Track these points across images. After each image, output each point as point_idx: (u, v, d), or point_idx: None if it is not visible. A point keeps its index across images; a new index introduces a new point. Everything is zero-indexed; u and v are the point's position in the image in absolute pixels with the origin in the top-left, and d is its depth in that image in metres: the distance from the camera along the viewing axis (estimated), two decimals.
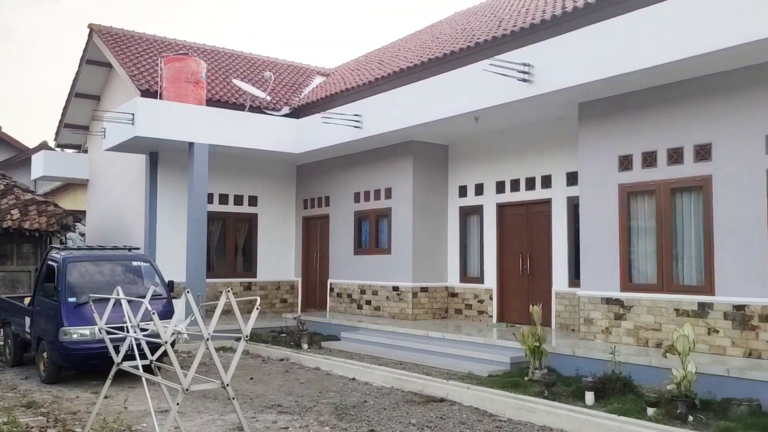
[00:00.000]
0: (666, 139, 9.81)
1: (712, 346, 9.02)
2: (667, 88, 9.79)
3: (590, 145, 10.82)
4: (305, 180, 18.02)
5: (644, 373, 8.35)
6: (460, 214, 14.58)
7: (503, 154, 13.58)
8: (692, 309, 9.29)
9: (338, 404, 8.36)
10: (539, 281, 12.85)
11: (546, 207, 12.75)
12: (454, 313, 14.47)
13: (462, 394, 8.57)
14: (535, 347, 9.29)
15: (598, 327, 10.48)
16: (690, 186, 9.55)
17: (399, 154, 14.77)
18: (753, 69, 8.83)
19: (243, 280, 17.32)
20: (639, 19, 9.19)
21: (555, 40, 10.39)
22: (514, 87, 10.73)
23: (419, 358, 11.23)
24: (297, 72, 21.09)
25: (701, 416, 7.12)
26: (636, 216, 10.25)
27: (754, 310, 8.64)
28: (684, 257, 9.66)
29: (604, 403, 7.81)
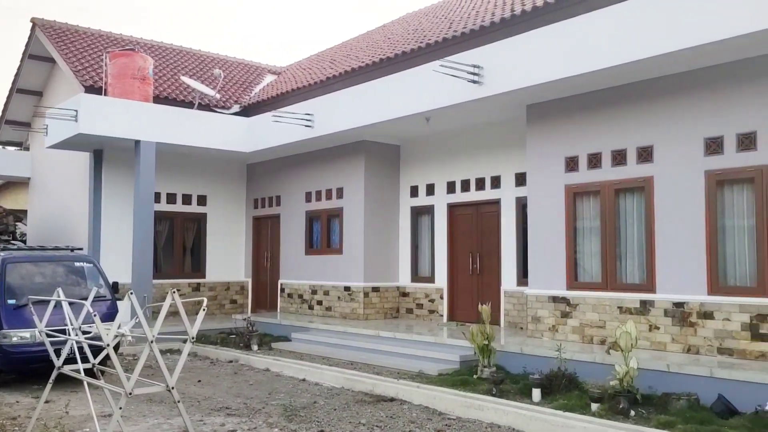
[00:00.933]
0: (610, 141, 10.06)
1: (654, 343, 9.29)
2: (611, 91, 10.04)
3: (538, 146, 11.02)
4: (256, 179, 17.84)
5: (589, 370, 8.53)
6: (411, 214, 14.65)
7: (454, 155, 13.71)
8: (635, 307, 9.55)
9: (288, 405, 8.30)
10: (489, 280, 13.02)
11: (495, 207, 12.92)
12: (406, 313, 14.53)
13: (412, 393, 8.61)
14: (484, 346, 9.40)
15: (545, 325, 10.67)
16: (633, 187, 9.82)
17: (351, 153, 14.75)
18: (692, 73, 9.13)
19: (191, 281, 17.03)
20: (585, 23, 9.41)
21: (504, 43, 10.55)
22: (464, 88, 10.84)
23: (370, 357, 11.23)
24: (247, 70, 20.86)
25: (642, 411, 7.32)
26: (582, 216, 10.48)
27: (693, 307, 8.94)
28: (627, 256, 9.92)
29: (551, 400, 7.96)
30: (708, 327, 8.78)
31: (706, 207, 8.91)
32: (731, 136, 8.74)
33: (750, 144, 8.56)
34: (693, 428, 6.50)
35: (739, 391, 7.30)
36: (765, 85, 8.47)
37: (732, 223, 8.81)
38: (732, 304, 8.57)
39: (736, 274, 8.73)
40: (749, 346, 8.38)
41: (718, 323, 8.68)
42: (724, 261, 8.82)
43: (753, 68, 8.57)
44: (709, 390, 7.48)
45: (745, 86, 8.65)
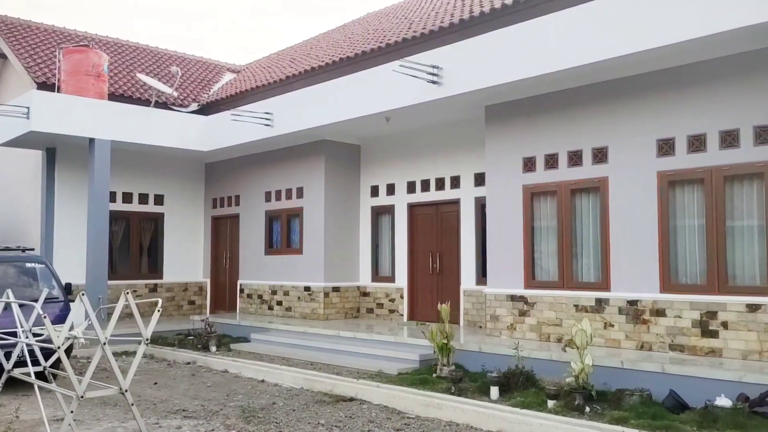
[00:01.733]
0: (567, 142, 10.23)
1: (609, 340, 9.48)
2: (568, 93, 10.21)
3: (496, 146, 11.14)
4: (214, 178, 17.62)
5: (546, 367, 8.65)
6: (371, 214, 14.66)
7: (414, 155, 13.76)
8: (590, 305, 9.73)
9: (246, 407, 8.22)
10: (449, 280, 13.11)
11: (455, 207, 13.02)
12: (366, 313, 14.53)
13: (372, 393, 8.61)
14: (443, 344, 9.46)
15: (503, 323, 10.79)
16: (588, 187, 10.00)
17: (311, 153, 14.69)
18: (645, 76, 9.34)
19: (148, 282, 16.74)
20: (541, 25, 9.55)
21: (463, 44, 10.64)
22: (423, 88, 10.90)
23: (330, 357, 11.20)
24: (206, 68, 20.59)
25: (597, 407, 7.46)
26: (539, 216, 10.63)
27: (646, 305, 9.15)
28: (583, 255, 10.10)
29: (508, 397, 8.05)
30: (660, 324, 9.00)
31: (659, 207, 9.13)
32: (682, 138, 8.97)
33: (700, 146, 8.81)
34: (645, 423, 6.65)
35: (689, 387, 7.50)
36: (713, 88, 8.72)
37: (683, 223, 9.04)
38: (683, 302, 8.80)
39: (686, 272, 8.97)
40: (699, 342, 8.62)
41: (670, 320, 8.91)
42: (675, 260, 9.05)
43: (702, 72, 8.81)
44: (661, 385, 7.65)
45: (694, 89, 8.89)
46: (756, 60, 8.29)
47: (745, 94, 8.44)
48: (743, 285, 8.42)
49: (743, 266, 8.48)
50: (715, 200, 8.64)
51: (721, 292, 8.50)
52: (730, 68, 8.57)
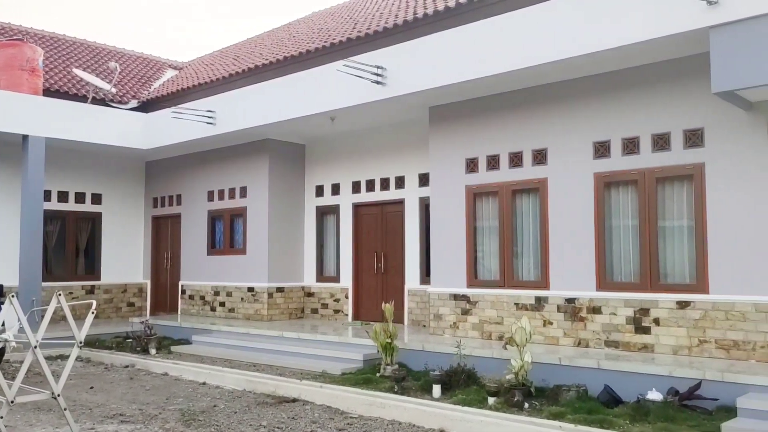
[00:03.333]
0: (508, 144, 10.42)
1: (548, 337, 9.70)
2: (509, 96, 10.41)
3: (440, 147, 11.26)
4: (155, 177, 17.24)
5: (487, 365, 8.79)
6: (316, 214, 14.60)
7: (359, 155, 13.78)
8: (530, 303, 9.94)
9: (186, 410, 8.07)
10: (393, 279, 13.18)
11: (400, 207, 13.09)
12: (311, 313, 14.47)
13: (315, 394, 8.58)
14: (386, 344, 9.49)
15: (446, 322, 10.92)
16: (529, 188, 10.21)
17: (255, 152, 14.53)
18: (582, 80, 9.61)
19: (85, 283, 16.25)
20: (484, 28, 9.71)
21: (407, 45, 10.72)
22: (367, 88, 10.93)
23: (274, 359, 11.11)
24: (146, 64, 20.12)
25: (536, 403, 7.62)
26: (481, 216, 10.80)
27: (583, 302, 9.41)
28: (523, 255, 10.31)
29: (450, 395, 8.14)
30: (596, 321, 9.26)
31: (595, 207, 9.40)
32: (617, 141, 9.26)
33: (634, 148, 9.11)
34: (581, 418, 6.83)
35: (623, 382, 7.74)
36: (646, 92, 9.03)
37: (618, 223, 9.33)
38: (618, 300, 9.08)
39: (621, 270, 9.26)
40: (633, 338, 8.91)
41: (606, 317, 9.18)
42: (611, 258, 9.33)
43: (636, 77, 9.12)
44: (597, 381, 7.87)
45: (628, 93, 9.19)
46: (686, 66, 8.62)
47: (675, 99, 8.77)
48: (674, 283, 8.75)
49: (674, 265, 8.82)
50: (648, 201, 8.95)
51: (653, 290, 8.82)
52: (662, 74, 8.89)
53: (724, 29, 7.47)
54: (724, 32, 7.47)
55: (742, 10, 7.32)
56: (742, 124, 8.22)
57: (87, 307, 13.39)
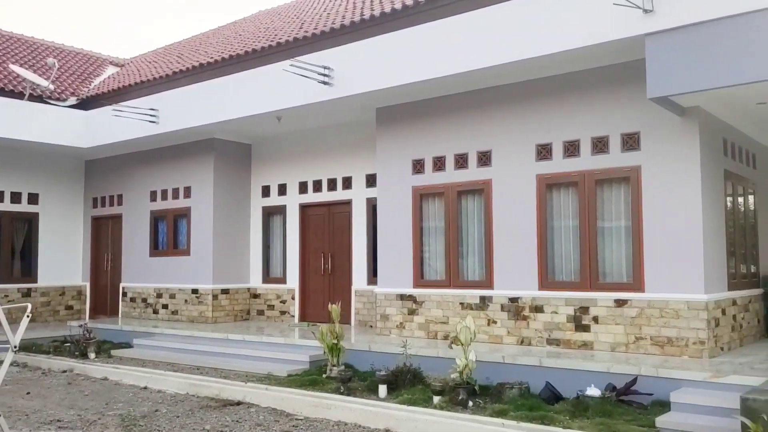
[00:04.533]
0: (454, 145, 10.55)
1: (492, 336, 9.86)
2: (455, 98, 10.53)
3: (387, 148, 11.31)
4: (95, 177, 16.77)
5: (433, 364, 8.87)
6: (263, 215, 14.47)
7: (306, 155, 13.72)
8: (475, 302, 10.09)
9: (126, 415, 7.89)
10: (340, 280, 13.16)
11: (347, 208, 13.09)
12: (257, 315, 14.33)
13: (260, 396, 8.51)
14: (333, 345, 9.49)
15: (393, 322, 10.97)
16: (474, 189, 10.36)
17: (199, 151, 14.30)
18: (526, 84, 9.80)
19: (21, 286, 15.70)
20: (430, 31, 9.81)
21: (353, 46, 10.74)
22: (314, 89, 10.90)
23: (218, 361, 10.95)
24: (87, 60, 19.55)
25: (480, 401, 7.74)
26: (428, 217, 10.90)
27: (526, 301, 9.60)
28: (468, 255, 10.45)
29: (396, 395, 8.18)
30: (539, 320, 9.46)
31: (537, 208, 9.61)
32: (559, 143, 9.49)
33: (574, 151, 9.34)
34: (523, 415, 6.97)
35: (564, 378, 7.93)
36: (586, 97, 9.27)
37: (559, 224, 9.56)
38: (559, 299, 9.30)
39: (562, 270, 9.49)
40: (573, 336, 9.14)
41: (548, 316, 9.39)
42: (552, 258, 9.55)
43: (577, 81, 9.36)
44: (538, 378, 8.05)
45: (570, 97, 9.43)
46: (624, 72, 8.89)
47: (614, 104, 9.04)
48: (612, 282, 9.01)
49: (612, 264, 9.08)
50: (588, 202, 9.19)
51: (592, 289, 9.07)
52: (601, 79, 9.15)
53: (659, 37, 7.74)
54: (658, 40, 7.75)
55: (675, 19, 7.60)
56: (675, 129, 8.53)
57: (22, 310, 12.96)
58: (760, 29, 7.14)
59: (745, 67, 7.24)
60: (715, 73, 7.42)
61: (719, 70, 7.38)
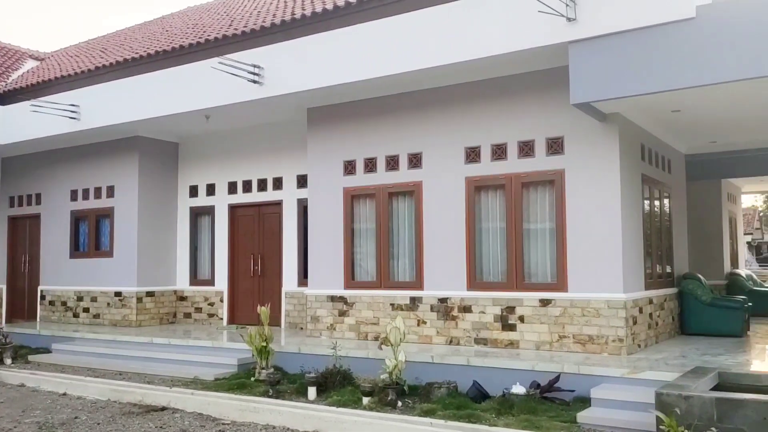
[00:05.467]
0: (385, 147, 10.60)
1: (421, 336, 9.96)
2: (387, 100, 10.59)
3: (318, 149, 11.26)
4: (12, 175, 15.98)
5: (363, 365, 8.88)
6: (190, 215, 14.14)
7: (236, 155, 13.49)
8: (405, 303, 10.16)
9: (44, 423, 7.57)
10: (270, 282, 13.01)
11: (277, 208, 12.95)
12: (184, 318, 13.99)
13: (186, 401, 8.33)
14: (262, 347, 9.36)
15: (323, 324, 10.93)
16: (405, 191, 10.44)
17: (123, 149, 13.85)
18: (456, 87, 9.95)
19: None
20: (361, 32, 9.82)
21: (284, 45, 10.65)
22: (244, 87, 10.74)
23: (142, 366, 10.63)
24: (4, 54, 18.61)
25: (409, 401, 7.81)
26: (359, 218, 10.91)
27: (455, 302, 9.74)
28: (399, 256, 10.52)
29: (326, 397, 8.16)
30: (467, 320, 9.62)
31: (466, 210, 9.76)
32: (487, 147, 9.67)
33: (502, 154, 9.55)
34: (451, 413, 7.07)
35: (491, 377, 8.09)
36: (513, 101, 9.49)
37: (488, 226, 9.74)
38: (487, 299, 9.49)
39: (490, 271, 9.68)
40: (500, 335, 9.34)
41: (476, 316, 9.55)
42: (480, 259, 9.72)
43: (504, 86, 9.56)
44: (466, 377, 8.18)
45: (498, 102, 9.63)
46: (549, 78, 9.13)
47: (539, 109, 9.28)
48: (537, 282, 9.26)
49: (537, 265, 9.33)
50: (514, 205, 9.41)
51: (518, 289, 9.29)
52: (528, 84, 9.38)
53: (582, 45, 8.01)
54: (581, 48, 8.01)
55: (597, 28, 7.88)
56: (597, 134, 8.84)
57: None
58: (674, 40, 7.48)
59: (660, 76, 7.58)
60: (633, 82, 7.73)
61: (637, 78, 7.70)
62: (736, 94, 8.17)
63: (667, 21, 7.48)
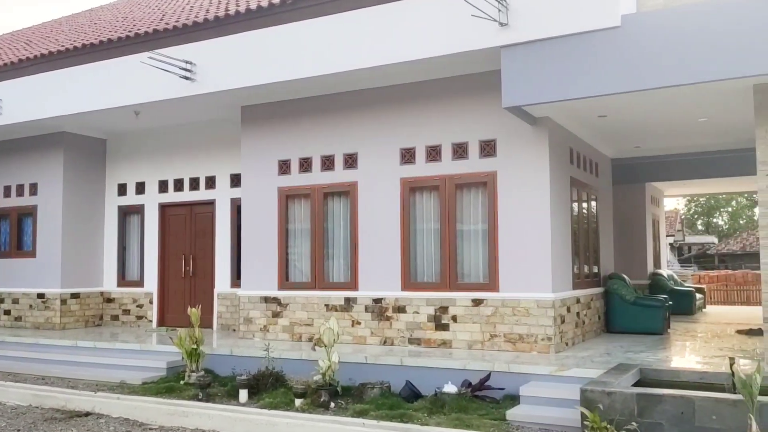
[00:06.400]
0: (320, 147, 10.54)
1: (356, 337, 9.96)
2: (322, 99, 10.54)
3: (252, 148, 11.11)
4: None
5: (297, 367, 8.82)
6: (119, 214, 13.72)
7: (167, 152, 13.17)
8: (340, 304, 10.14)
9: None
10: (202, 283, 12.76)
11: (210, 208, 12.71)
12: (111, 320, 13.55)
13: (111, 406, 8.08)
14: (192, 350, 9.16)
15: (257, 325, 10.79)
16: (340, 191, 10.41)
17: (47, 146, 13.31)
18: (392, 89, 9.99)
19: None
20: (296, 31, 9.74)
21: (218, 41, 10.46)
22: (175, 84, 10.50)
23: (66, 371, 10.22)
24: None
25: (342, 402, 7.79)
26: (293, 218, 10.82)
27: (389, 302, 9.78)
28: (334, 256, 10.49)
29: (257, 399, 8.04)
30: (401, 320, 9.68)
31: (401, 211, 9.82)
32: (422, 148, 9.75)
33: (436, 155, 9.65)
34: (383, 414, 7.09)
35: (423, 377, 8.16)
36: (448, 104, 9.60)
37: (422, 226, 9.83)
38: (421, 299, 9.56)
39: (424, 271, 9.76)
40: (433, 335, 9.44)
41: (410, 316, 9.62)
42: (415, 260, 9.80)
43: (439, 88, 9.66)
44: (400, 377, 8.22)
45: (433, 103, 9.72)
46: (483, 81, 9.28)
47: (473, 111, 9.42)
48: (470, 282, 9.39)
49: (470, 265, 9.47)
50: (448, 206, 9.53)
51: (452, 289, 9.40)
52: (462, 87, 9.51)
53: (514, 50, 8.18)
54: (513, 52, 8.18)
55: (528, 33, 8.06)
56: (528, 137, 9.04)
57: None
58: (600, 48, 7.73)
59: (587, 82, 7.82)
60: (561, 87, 7.95)
61: (565, 84, 7.92)
62: (659, 101, 8.52)
63: (594, 29, 7.73)
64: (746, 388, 5.42)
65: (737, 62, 7.12)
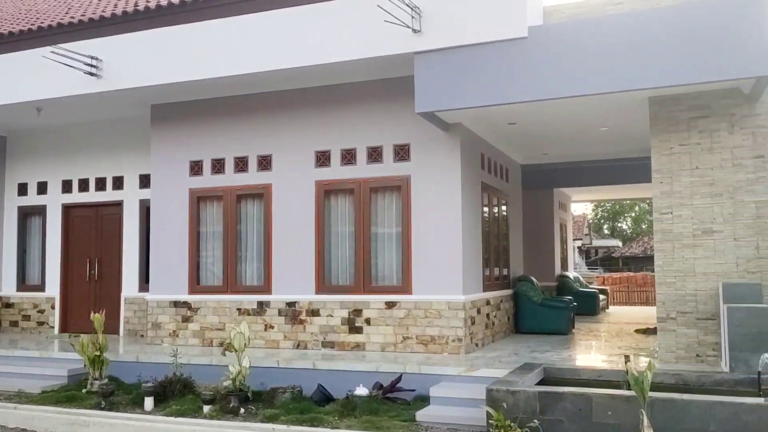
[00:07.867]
0: (234, 148, 10.38)
1: (269, 341, 9.84)
2: (235, 100, 10.38)
3: (162, 148, 10.81)
4: None
5: (207, 372, 8.60)
6: (18, 215, 13.02)
7: (72, 151, 12.60)
8: (252, 308, 10.00)
9: None
10: (108, 287, 12.28)
11: (117, 209, 12.26)
12: (10, 326, 12.84)
13: (7, 416, 7.70)
14: (95, 357, 8.78)
15: (165, 331, 10.49)
16: (254, 193, 10.27)
17: None
18: (307, 91, 9.97)
19: None
20: (209, 29, 9.58)
21: (126, 37, 10.13)
22: (80, 80, 10.10)
23: None
24: None
25: (252, 407, 7.66)
26: (205, 221, 10.59)
27: (303, 306, 9.73)
28: (248, 260, 10.34)
29: (164, 407, 7.79)
30: (315, 323, 9.65)
31: (316, 214, 9.80)
32: (337, 151, 9.77)
33: (351, 159, 9.69)
34: (294, 418, 7.04)
35: (336, 380, 8.13)
36: (363, 107, 9.67)
37: (337, 230, 9.84)
38: (335, 302, 9.57)
39: (338, 274, 9.78)
40: (347, 338, 9.46)
41: (323, 319, 9.60)
42: (329, 263, 9.80)
43: (355, 92, 9.71)
44: (312, 381, 8.15)
45: (348, 107, 9.76)
46: (398, 86, 9.37)
47: (388, 115, 9.52)
48: (384, 285, 9.48)
49: (384, 268, 9.56)
50: (363, 209, 9.58)
51: (366, 292, 9.45)
52: (378, 91, 9.59)
53: (426, 56, 8.33)
54: (425, 59, 8.33)
55: (440, 41, 8.24)
56: (441, 143, 9.21)
57: None
58: (509, 57, 7.99)
59: (496, 90, 8.06)
60: (471, 94, 8.16)
61: (475, 91, 8.13)
62: (564, 110, 8.89)
63: (503, 39, 7.97)
64: (638, 384, 5.72)
65: (633, 75, 7.52)
